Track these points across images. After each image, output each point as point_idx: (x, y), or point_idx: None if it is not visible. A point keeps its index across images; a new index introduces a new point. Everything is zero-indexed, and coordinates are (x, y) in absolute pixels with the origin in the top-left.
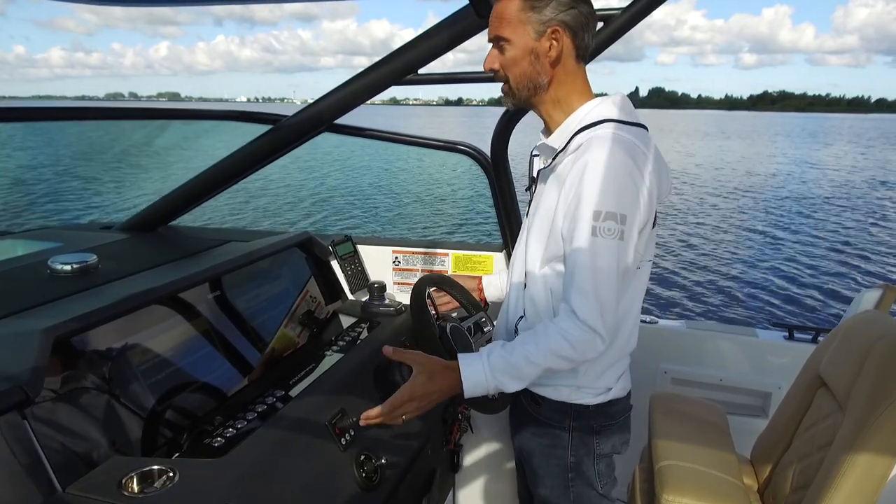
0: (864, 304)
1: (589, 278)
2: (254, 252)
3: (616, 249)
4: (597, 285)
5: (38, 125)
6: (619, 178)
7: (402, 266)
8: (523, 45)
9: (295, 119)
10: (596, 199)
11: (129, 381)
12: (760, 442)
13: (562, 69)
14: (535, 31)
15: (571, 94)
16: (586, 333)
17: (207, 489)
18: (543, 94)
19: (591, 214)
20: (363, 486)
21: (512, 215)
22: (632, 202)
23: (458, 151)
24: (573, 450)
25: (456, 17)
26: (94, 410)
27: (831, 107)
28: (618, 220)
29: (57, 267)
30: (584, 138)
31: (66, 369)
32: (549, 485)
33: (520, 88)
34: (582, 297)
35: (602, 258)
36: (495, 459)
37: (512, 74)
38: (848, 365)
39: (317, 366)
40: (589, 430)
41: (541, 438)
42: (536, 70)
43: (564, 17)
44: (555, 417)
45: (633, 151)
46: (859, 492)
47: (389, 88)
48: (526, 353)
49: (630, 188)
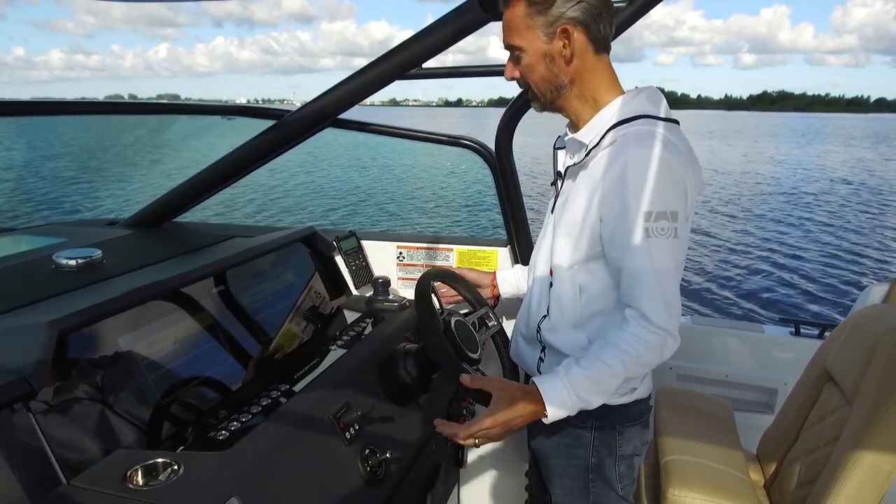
0: (872, 297)
1: (654, 281)
2: (258, 247)
3: (671, 248)
4: (662, 287)
5: (42, 123)
6: (663, 175)
7: (407, 261)
8: (535, 49)
9: (299, 114)
10: (645, 199)
11: (134, 375)
12: (767, 437)
13: (581, 65)
14: (544, 34)
15: (598, 89)
16: (661, 337)
17: (212, 482)
18: (568, 94)
19: (642, 216)
20: (368, 479)
21: (517, 210)
22: (679, 198)
23: (461, 146)
24: (595, 450)
25: (460, 10)
26: (99, 403)
27: (830, 107)
28: (669, 219)
29: (62, 262)
30: (618, 134)
31: (72, 363)
32: (569, 485)
33: (543, 92)
34: (651, 301)
35: (660, 259)
36: (500, 455)
37: (532, 80)
38: (856, 359)
39: (321, 361)
40: (612, 431)
41: (562, 437)
42: (554, 72)
43: (572, 14)
44: (578, 417)
45: (673, 149)
46: (867, 486)
47: (389, 89)
48: (606, 366)
49: (674, 184)
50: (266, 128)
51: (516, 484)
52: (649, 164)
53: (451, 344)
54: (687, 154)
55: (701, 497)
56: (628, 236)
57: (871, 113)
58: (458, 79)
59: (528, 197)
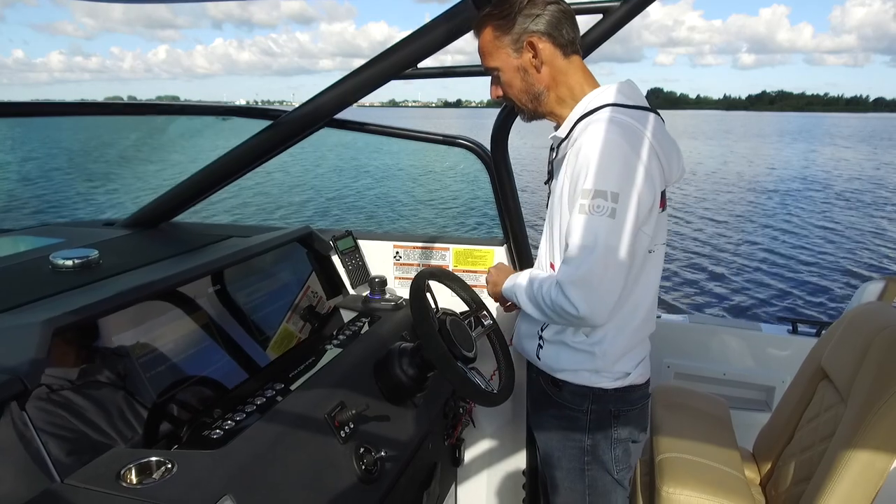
0: (867, 295)
1: (579, 256)
2: (254, 247)
3: (606, 227)
4: (586, 264)
5: (40, 125)
6: (610, 156)
7: (403, 261)
8: (509, 66)
9: (295, 114)
10: (586, 177)
11: (130, 374)
12: (763, 435)
13: (553, 71)
14: (513, 50)
15: (573, 88)
16: (569, 310)
17: (206, 481)
18: (546, 99)
19: (580, 193)
20: (362, 478)
21: (513, 209)
22: (625, 181)
23: (457, 146)
24: (591, 433)
25: (454, 10)
26: (94, 402)
27: (829, 106)
28: (608, 198)
29: (58, 262)
30: (583, 125)
31: (66, 361)
32: (566, 467)
33: (524, 103)
34: (569, 275)
35: (589, 236)
36: (497, 454)
37: (513, 95)
38: (850, 356)
39: (317, 360)
40: (607, 415)
41: (559, 421)
42: (529, 83)
43: (534, 27)
44: (574, 400)
45: (626, 131)
46: (861, 483)
47: (388, 90)
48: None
49: (621, 167)
50: (262, 128)
51: (514, 483)
52: (596, 145)
53: (447, 343)
54: (654, 139)
55: (696, 494)
56: (570, 212)
57: (869, 112)
58: (456, 79)
59: (526, 196)
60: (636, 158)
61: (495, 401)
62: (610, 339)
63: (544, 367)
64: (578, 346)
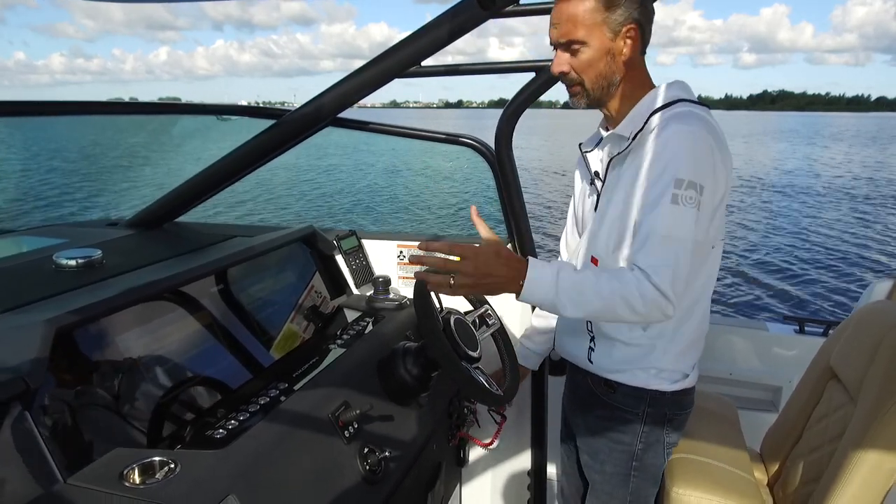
0: (876, 294)
1: (667, 244)
2: (258, 246)
3: (693, 219)
4: (674, 252)
5: (43, 125)
6: (701, 150)
7: (407, 260)
8: (600, 46)
9: (299, 113)
10: (679, 167)
11: (133, 374)
12: (770, 435)
13: (631, 63)
14: (610, 31)
15: (638, 86)
16: (658, 295)
17: (209, 480)
18: (615, 91)
19: (673, 183)
20: (366, 478)
21: (517, 208)
22: (710, 175)
23: (461, 144)
24: (643, 437)
25: (458, 8)
26: (97, 402)
27: (831, 105)
28: (697, 190)
29: (62, 262)
30: (662, 117)
31: (69, 361)
32: (609, 472)
33: (595, 89)
34: (657, 261)
35: (680, 227)
36: (503, 455)
37: (587, 77)
38: (859, 355)
39: (321, 359)
40: (661, 419)
41: (609, 423)
42: (612, 70)
43: (636, 15)
44: (629, 403)
45: (709, 126)
46: (870, 484)
47: (389, 91)
48: (597, 284)
49: (709, 161)
50: (266, 127)
51: (519, 484)
52: (688, 137)
53: (451, 342)
54: (722, 139)
55: (705, 496)
56: (658, 199)
57: (871, 112)
58: (458, 79)
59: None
60: (718, 153)
61: (500, 401)
62: (670, 334)
63: (596, 369)
64: (636, 342)
